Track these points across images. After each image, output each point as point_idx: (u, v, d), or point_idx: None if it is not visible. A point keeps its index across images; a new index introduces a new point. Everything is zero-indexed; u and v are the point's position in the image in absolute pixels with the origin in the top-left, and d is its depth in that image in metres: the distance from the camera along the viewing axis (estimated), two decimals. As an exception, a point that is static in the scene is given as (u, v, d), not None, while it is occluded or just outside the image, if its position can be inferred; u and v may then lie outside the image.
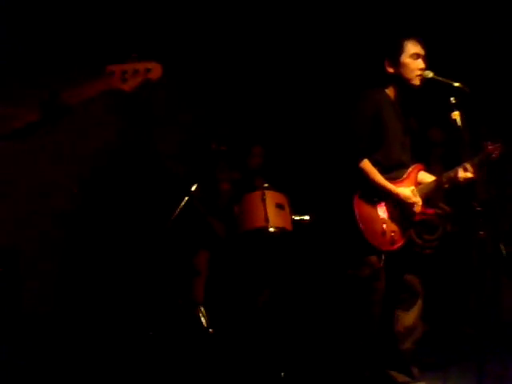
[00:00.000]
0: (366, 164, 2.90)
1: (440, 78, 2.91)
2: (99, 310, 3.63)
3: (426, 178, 3.07)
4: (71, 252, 3.78)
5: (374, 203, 2.91)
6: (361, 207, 2.89)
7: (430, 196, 3.00)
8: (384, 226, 2.88)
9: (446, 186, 2.94)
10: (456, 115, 2.77)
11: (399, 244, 2.89)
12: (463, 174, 2.87)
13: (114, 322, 3.56)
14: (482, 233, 2.65)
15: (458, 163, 2.89)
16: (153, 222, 3.80)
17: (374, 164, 2.91)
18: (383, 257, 2.87)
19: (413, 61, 2.98)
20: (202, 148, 3.89)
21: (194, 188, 3.59)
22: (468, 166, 2.87)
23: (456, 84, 2.82)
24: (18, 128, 1.86)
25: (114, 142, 4.08)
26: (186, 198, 3.56)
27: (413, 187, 2.98)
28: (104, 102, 3.81)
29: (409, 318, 3.00)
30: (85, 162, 3.91)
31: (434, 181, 3.00)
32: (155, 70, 1.98)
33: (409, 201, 2.90)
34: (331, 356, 3.35)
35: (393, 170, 2.99)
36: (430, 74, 2.94)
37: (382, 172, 2.92)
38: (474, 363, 2.72)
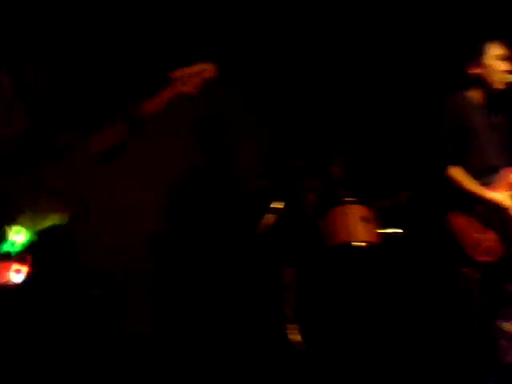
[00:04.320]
0: (455, 172, 2.83)
1: None
2: (192, 329, 3.69)
3: None
4: (162, 272, 3.89)
5: (467, 212, 2.83)
6: (454, 217, 2.81)
7: None
8: (479, 235, 2.78)
9: None
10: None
11: (497, 253, 2.78)
12: None
13: (206, 339, 3.61)
14: None
15: None
16: (238, 241, 3.85)
17: (463, 171, 2.83)
18: (481, 267, 2.78)
19: (497, 62, 2.90)
20: (284, 164, 3.91)
21: (279, 205, 3.61)
22: None
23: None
24: (104, 151, 1.96)
25: (197, 162, 4.18)
26: (272, 216, 3.59)
27: (507, 192, 2.87)
28: (183, 122, 3.93)
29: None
30: (169, 183, 4.02)
31: None
32: (209, 70, 2.13)
33: (504, 204, 2.80)
34: (431, 371, 3.26)
35: (483, 176, 2.88)
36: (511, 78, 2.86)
37: (473, 178, 2.83)
38: None
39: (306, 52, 4.54)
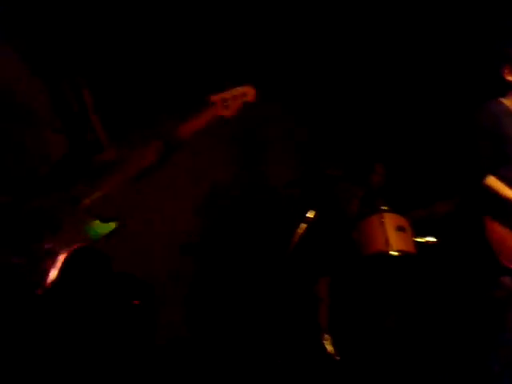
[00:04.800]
0: (492, 180, 2.79)
1: None
2: (226, 336, 3.74)
3: None
4: (199, 282, 3.95)
5: (505, 220, 2.78)
6: (491, 226, 2.78)
7: None
8: None
9: None
10: None
11: (536, 263, 2.73)
12: None
13: (240, 348, 3.64)
14: None
15: None
16: (273, 252, 3.87)
17: (501, 179, 2.79)
18: None
19: None
20: (316, 173, 3.91)
21: (311, 214, 3.62)
22: None
23: None
24: (141, 168, 1.96)
25: (229, 173, 4.22)
26: (304, 225, 3.60)
27: None
28: (217, 137, 3.97)
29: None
30: (203, 195, 4.08)
31: None
32: (250, 93, 2.10)
33: None
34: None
35: None
36: None
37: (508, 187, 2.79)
38: None
39: (347, 59, 4.52)
